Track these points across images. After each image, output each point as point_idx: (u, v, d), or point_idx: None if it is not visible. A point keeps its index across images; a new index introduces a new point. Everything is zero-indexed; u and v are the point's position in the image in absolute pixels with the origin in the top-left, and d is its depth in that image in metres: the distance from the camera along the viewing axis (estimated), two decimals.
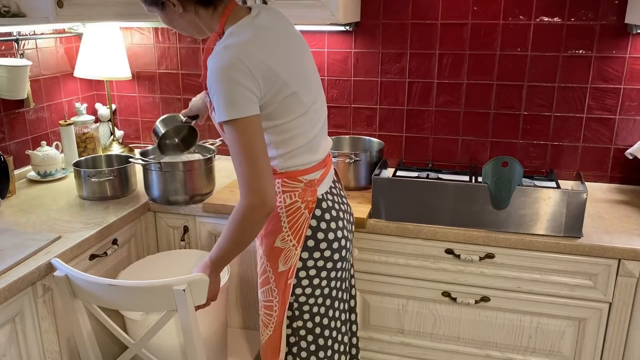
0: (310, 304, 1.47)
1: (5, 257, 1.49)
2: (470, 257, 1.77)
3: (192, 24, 1.42)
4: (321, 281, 1.46)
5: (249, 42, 1.31)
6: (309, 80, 1.43)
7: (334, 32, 2.25)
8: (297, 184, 1.43)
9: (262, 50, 1.32)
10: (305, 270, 1.44)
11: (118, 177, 1.99)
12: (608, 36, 2.01)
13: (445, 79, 2.20)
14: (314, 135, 1.45)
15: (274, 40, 1.36)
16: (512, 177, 1.69)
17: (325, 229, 1.44)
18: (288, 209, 1.42)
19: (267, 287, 1.48)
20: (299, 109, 1.39)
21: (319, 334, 1.50)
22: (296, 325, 1.49)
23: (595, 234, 1.71)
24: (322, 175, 1.48)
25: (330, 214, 1.46)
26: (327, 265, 1.46)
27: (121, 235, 1.86)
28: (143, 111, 2.60)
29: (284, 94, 1.34)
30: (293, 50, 1.41)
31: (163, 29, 2.45)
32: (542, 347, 1.82)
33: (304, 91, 1.40)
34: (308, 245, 1.43)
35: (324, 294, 1.48)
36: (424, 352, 1.94)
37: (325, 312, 1.49)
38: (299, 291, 1.45)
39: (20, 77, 2.05)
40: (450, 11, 2.12)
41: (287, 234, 1.42)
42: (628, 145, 2.08)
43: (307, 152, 1.44)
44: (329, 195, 1.49)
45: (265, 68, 1.30)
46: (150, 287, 1.38)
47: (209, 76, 1.30)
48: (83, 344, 1.55)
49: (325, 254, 1.45)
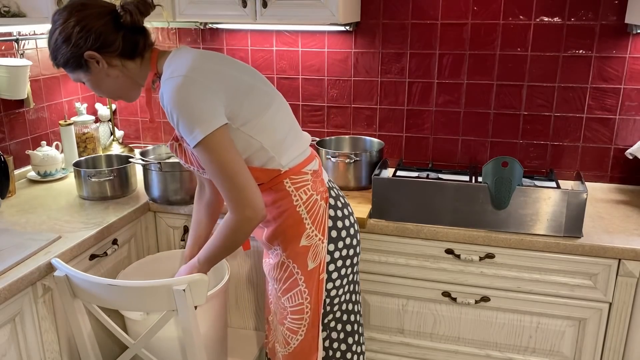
0: (340, 295, 1.49)
1: (5, 257, 1.49)
2: (470, 257, 1.77)
3: (122, 79, 1.38)
4: (347, 269, 1.49)
5: (192, 59, 1.31)
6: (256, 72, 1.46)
7: (334, 32, 2.25)
8: (304, 176, 1.44)
9: (207, 61, 1.33)
10: (333, 263, 1.46)
11: (118, 177, 1.99)
12: (608, 36, 2.01)
13: (445, 79, 2.20)
14: (291, 121, 1.47)
15: (209, 53, 1.40)
16: (512, 177, 1.69)
17: (342, 217, 1.47)
18: (307, 205, 1.43)
19: (296, 291, 1.45)
20: (266, 100, 1.39)
21: (346, 320, 1.52)
22: (327, 320, 1.49)
23: (595, 234, 1.71)
24: (319, 164, 1.51)
25: (340, 200, 1.50)
26: (349, 252, 1.49)
27: (121, 235, 1.86)
28: (143, 111, 2.60)
29: (245, 89, 1.35)
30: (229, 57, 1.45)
31: (163, 29, 2.45)
32: (542, 347, 1.82)
33: (259, 82, 1.42)
34: (332, 236, 1.46)
35: (349, 281, 1.51)
36: (424, 352, 1.94)
37: (349, 298, 1.52)
38: (329, 285, 1.46)
39: (20, 77, 2.05)
40: (450, 11, 2.12)
41: (312, 230, 1.43)
42: (628, 145, 2.08)
43: (295, 139, 1.45)
44: (331, 183, 1.52)
45: (217, 74, 1.31)
46: (150, 287, 1.38)
47: (167, 106, 1.27)
48: (83, 344, 1.55)
49: (346, 242, 1.48)
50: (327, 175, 1.55)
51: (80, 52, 1.32)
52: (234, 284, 2.01)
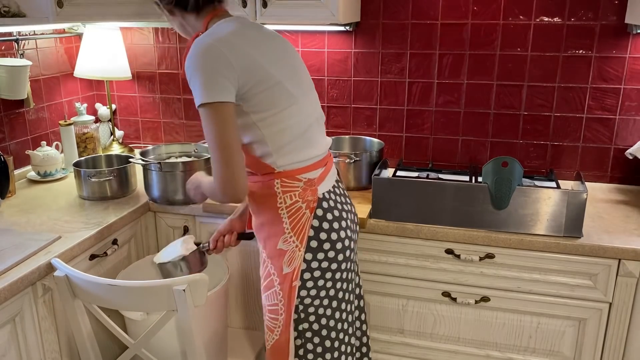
0: (316, 305, 1.45)
1: (5, 257, 1.49)
2: (470, 257, 1.77)
3: (183, 27, 1.50)
4: (326, 282, 1.45)
5: (230, 32, 1.36)
6: (296, 73, 1.45)
7: (334, 32, 2.25)
8: (296, 183, 1.42)
9: (244, 40, 1.36)
10: (309, 272, 1.43)
11: (118, 177, 1.99)
12: (608, 36, 2.01)
13: (445, 79, 2.20)
14: (307, 128, 1.44)
15: (257, 34, 1.42)
16: (512, 177, 1.69)
17: (328, 229, 1.43)
18: (289, 210, 1.42)
19: (272, 291, 1.47)
20: (287, 99, 1.39)
21: (325, 335, 1.48)
22: (302, 328, 1.47)
23: (595, 234, 1.71)
24: (322, 174, 1.47)
25: (333, 213, 1.45)
26: (332, 266, 1.45)
27: (121, 235, 1.86)
28: (143, 111, 2.60)
29: (268, 83, 1.35)
30: (278, 46, 1.45)
31: (163, 29, 2.46)
32: (542, 347, 1.82)
33: (290, 82, 1.41)
34: (311, 246, 1.42)
35: (330, 296, 1.47)
36: (424, 352, 1.94)
37: (331, 313, 1.48)
38: (304, 293, 1.44)
39: (20, 77, 2.05)
40: (450, 11, 2.12)
41: (290, 235, 1.42)
42: (628, 145, 2.08)
43: (302, 147, 1.43)
44: (332, 195, 1.48)
45: (246, 56, 1.33)
46: (150, 287, 1.38)
47: (187, 61, 1.33)
48: (83, 344, 1.55)
49: (329, 255, 1.44)
50: (330, 184, 1.49)
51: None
52: (234, 284, 2.01)
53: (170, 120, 2.57)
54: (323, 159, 1.50)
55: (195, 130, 2.55)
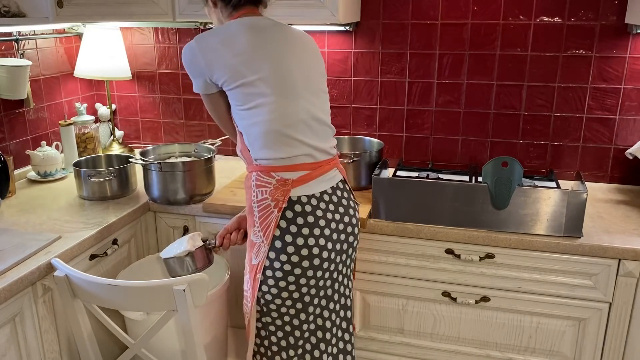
0: (277, 304, 1.47)
1: (5, 257, 1.49)
2: (470, 257, 1.77)
3: (218, 20, 1.59)
4: (288, 285, 1.45)
5: (215, 35, 1.48)
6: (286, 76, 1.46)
7: (334, 32, 2.25)
8: (269, 179, 1.45)
9: (226, 42, 1.45)
10: (271, 270, 1.45)
11: (118, 177, 1.99)
12: (608, 36, 2.01)
13: (445, 79, 2.20)
14: (284, 127, 1.44)
15: (253, 36, 1.47)
16: (512, 177, 1.69)
17: (295, 233, 1.42)
18: (259, 205, 1.46)
19: (247, 277, 1.52)
20: (259, 97, 1.44)
21: (289, 331, 1.51)
22: (265, 321, 1.51)
23: (595, 234, 1.71)
24: (304, 177, 1.45)
25: (305, 219, 1.43)
26: (295, 271, 1.44)
27: (121, 235, 1.86)
28: (143, 111, 2.60)
29: (238, 81, 1.44)
30: (277, 49, 1.48)
31: (163, 29, 2.45)
32: (542, 347, 1.82)
33: (268, 82, 1.44)
34: (275, 245, 1.44)
35: (293, 298, 1.47)
36: (424, 352, 1.94)
37: (295, 314, 1.49)
38: (265, 288, 1.47)
39: (20, 77, 2.05)
40: (450, 11, 2.12)
41: (258, 229, 1.46)
42: (628, 145, 2.08)
43: (279, 144, 1.44)
44: (313, 200, 1.45)
45: (217, 57, 1.44)
46: (150, 287, 1.38)
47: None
48: (83, 344, 1.55)
49: (292, 259, 1.43)
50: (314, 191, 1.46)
51: None
52: (234, 284, 2.00)
53: (170, 120, 2.57)
54: (313, 163, 1.48)
55: (195, 130, 2.55)
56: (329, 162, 1.52)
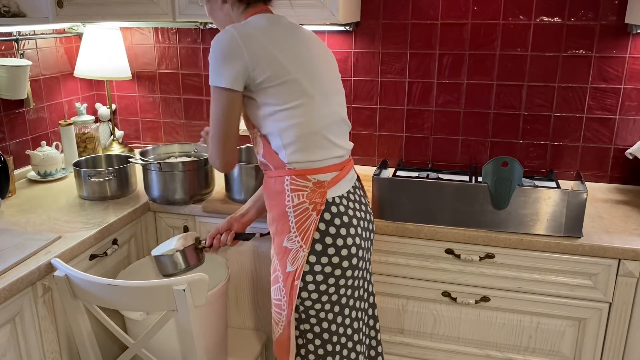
0: (317, 309, 1.45)
1: (5, 257, 1.49)
2: (470, 257, 1.77)
3: (228, 18, 1.52)
4: (328, 288, 1.44)
5: (254, 26, 1.41)
6: (319, 74, 1.45)
7: (334, 32, 2.25)
8: (306, 182, 1.42)
9: (265, 35, 1.40)
10: (312, 275, 1.42)
11: (118, 177, 1.99)
12: (608, 36, 2.01)
13: (445, 79, 2.20)
14: (321, 128, 1.44)
15: (284, 33, 1.44)
16: (512, 177, 1.69)
17: (334, 234, 1.42)
18: (296, 209, 1.42)
19: (277, 286, 1.47)
20: (300, 96, 1.41)
21: (327, 339, 1.48)
22: (303, 328, 1.47)
23: (595, 234, 1.71)
24: (335, 178, 1.46)
25: (342, 219, 1.44)
26: (335, 272, 1.43)
27: (121, 235, 1.86)
28: (143, 111, 2.60)
29: (282, 77, 1.39)
30: (304, 46, 1.46)
31: (163, 29, 2.45)
32: (542, 347, 1.82)
33: (308, 80, 1.42)
34: (315, 249, 1.41)
35: (332, 301, 1.45)
36: (424, 352, 1.94)
37: (333, 318, 1.47)
38: (304, 295, 1.43)
39: (20, 77, 2.05)
40: (450, 11, 2.12)
41: (295, 234, 1.42)
42: (628, 145, 2.08)
43: (314, 146, 1.43)
44: (344, 200, 1.46)
45: (261, 49, 1.37)
46: (150, 287, 1.38)
47: (212, 43, 1.40)
48: (83, 344, 1.55)
49: (333, 260, 1.42)
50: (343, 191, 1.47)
51: None
52: (234, 284, 2.01)
53: (170, 120, 2.57)
54: (340, 163, 1.49)
55: (195, 130, 2.55)
56: (349, 162, 1.54)
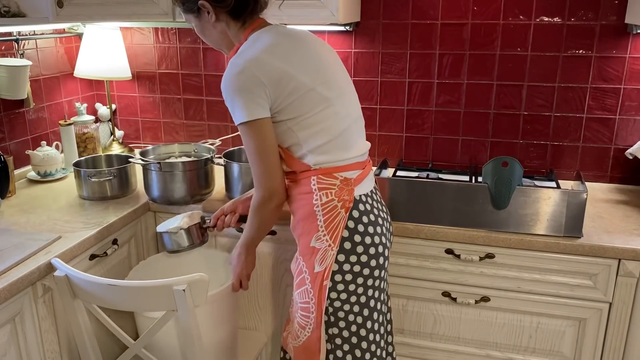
0: (346, 310, 1.44)
1: (5, 257, 1.49)
2: (470, 257, 1.77)
3: (223, 35, 1.49)
4: (357, 287, 1.43)
5: (259, 49, 1.39)
6: (332, 76, 1.45)
7: (334, 32, 2.25)
8: (333, 180, 1.42)
9: (273, 54, 1.38)
10: (340, 274, 1.41)
11: (118, 177, 1.99)
12: (608, 36, 2.01)
13: (445, 79, 2.20)
14: (343, 130, 1.45)
15: (292, 44, 1.43)
16: (512, 177, 1.69)
17: (363, 232, 1.42)
18: (324, 207, 1.41)
19: (304, 288, 1.46)
20: (320, 103, 1.41)
21: (355, 344, 1.46)
22: (332, 332, 1.46)
23: (595, 234, 1.71)
24: (360, 176, 1.46)
25: (369, 217, 1.44)
26: (364, 272, 1.43)
27: (121, 235, 1.86)
28: (143, 111, 2.60)
29: (300, 92, 1.38)
30: (311, 51, 1.45)
31: (163, 29, 2.45)
32: (542, 347, 1.82)
33: (323, 86, 1.42)
34: (344, 247, 1.41)
35: (360, 302, 1.44)
36: (424, 352, 1.94)
37: (362, 322, 1.46)
38: (334, 295, 1.42)
39: (20, 77, 2.05)
40: (450, 11, 2.12)
41: (323, 233, 1.41)
42: (628, 145, 2.08)
43: (338, 148, 1.43)
44: (369, 199, 1.46)
45: (275, 71, 1.36)
46: (150, 287, 1.38)
47: (222, 84, 1.40)
48: (83, 344, 1.55)
49: (362, 259, 1.42)
50: (368, 188, 1.48)
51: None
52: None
53: (170, 120, 2.57)
54: (362, 162, 1.49)
55: (195, 130, 2.55)
56: (369, 162, 1.55)
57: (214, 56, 2.41)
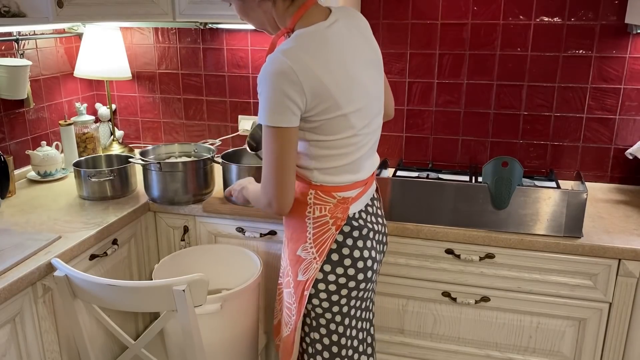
0: (327, 318, 1.43)
1: (5, 257, 1.49)
2: (470, 257, 1.77)
3: (268, 15, 1.38)
4: (340, 298, 1.42)
5: (309, 52, 1.27)
6: (367, 102, 1.38)
7: None
8: (330, 199, 1.40)
9: (320, 65, 1.27)
10: (324, 283, 1.40)
11: (118, 177, 1.99)
12: (608, 36, 2.01)
13: (445, 79, 2.20)
14: (358, 158, 1.40)
15: (337, 56, 1.31)
16: (512, 177, 1.69)
17: (352, 246, 1.40)
18: (316, 221, 1.40)
19: (289, 291, 1.46)
20: (346, 131, 1.34)
21: (336, 353, 1.46)
22: (313, 337, 1.46)
23: (595, 234, 1.71)
24: (359, 194, 1.44)
25: (360, 232, 1.42)
26: (349, 284, 1.41)
27: (121, 235, 1.86)
28: (143, 111, 2.60)
29: (333, 113, 1.30)
30: (358, 67, 1.35)
31: (163, 29, 2.45)
32: (542, 347, 1.82)
33: (357, 114, 1.34)
34: (332, 258, 1.40)
35: (342, 312, 1.44)
36: (424, 352, 1.94)
37: (343, 331, 1.45)
38: (316, 302, 1.42)
39: (20, 77, 2.05)
40: (450, 11, 2.12)
41: (310, 245, 1.40)
42: (628, 145, 2.08)
43: (346, 172, 1.40)
44: (363, 214, 1.45)
45: (318, 83, 1.26)
46: (150, 287, 1.38)
47: (260, 74, 1.28)
48: (83, 344, 1.55)
49: (348, 272, 1.41)
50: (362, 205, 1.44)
51: None
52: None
53: (170, 120, 2.57)
54: (365, 179, 1.46)
55: (195, 130, 2.55)
56: (373, 175, 1.51)
57: (214, 56, 2.41)
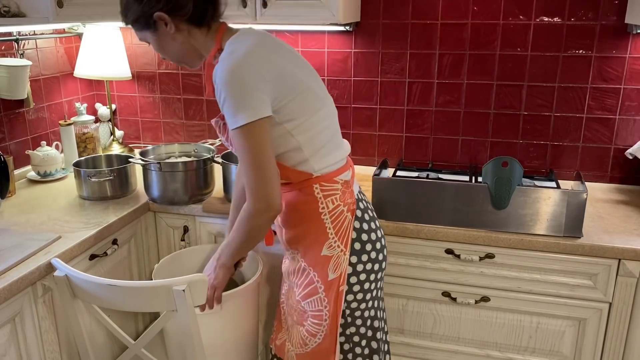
0: (362, 309, 1.45)
1: (5, 257, 1.49)
2: (470, 257, 1.77)
3: (186, 46, 1.39)
4: (371, 284, 1.45)
5: (255, 44, 1.31)
6: (316, 77, 1.44)
7: (334, 32, 2.25)
8: (335, 185, 1.41)
9: (269, 49, 1.32)
10: (355, 276, 1.42)
11: (118, 177, 1.99)
12: (608, 36, 2.01)
13: (445, 79, 2.20)
14: (336, 129, 1.45)
15: (273, 42, 1.38)
16: (512, 177, 1.69)
17: (368, 230, 1.44)
18: (332, 214, 1.40)
19: (315, 298, 1.44)
20: (316, 103, 1.38)
21: (371, 336, 1.48)
22: (349, 332, 1.46)
23: (595, 234, 1.71)
24: (352, 176, 1.47)
25: (368, 214, 1.46)
26: (375, 267, 1.45)
27: (121, 235, 1.86)
28: (143, 111, 2.60)
29: (298, 89, 1.33)
30: (294, 51, 1.44)
31: None
32: (542, 347, 1.82)
33: (315, 84, 1.40)
34: (355, 248, 1.41)
35: (374, 297, 1.47)
36: (424, 352, 1.94)
37: (375, 314, 1.48)
38: (350, 297, 1.42)
39: (20, 77, 2.05)
40: (450, 11, 2.12)
41: (334, 240, 1.40)
42: (628, 145, 2.08)
43: (334, 148, 1.43)
44: (362, 196, 1.48)
45: (275, 66, 1.30)
46: (150, 287, 1.38)
47: (218, 83, 1.27)
48: (83, 344, 1.55)
49: (371, 256, 1.44)
50: (357, 186, 1.50)
51: (151, 11, 1.33)
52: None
53: (170, 120, 2.57)
54: (348, 161, 1.49)
55: (195, 130, 2.55)
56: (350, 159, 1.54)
57: None
